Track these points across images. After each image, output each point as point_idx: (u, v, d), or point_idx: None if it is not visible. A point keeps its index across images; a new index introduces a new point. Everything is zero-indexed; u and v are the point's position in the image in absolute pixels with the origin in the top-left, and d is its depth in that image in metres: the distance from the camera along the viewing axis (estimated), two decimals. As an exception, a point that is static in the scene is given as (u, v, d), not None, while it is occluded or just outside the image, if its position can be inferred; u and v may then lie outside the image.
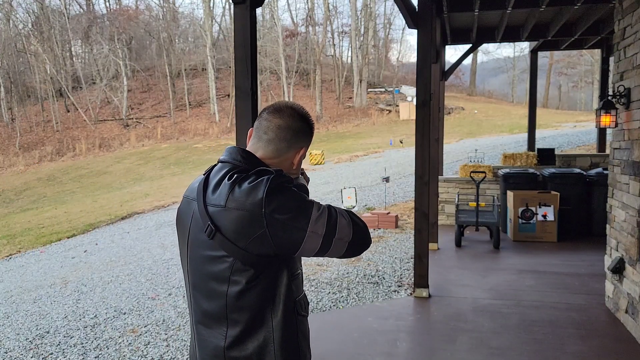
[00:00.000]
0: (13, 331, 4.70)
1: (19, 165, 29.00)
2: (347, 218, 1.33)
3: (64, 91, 37.56)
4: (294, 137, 1.41)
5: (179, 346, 4.03)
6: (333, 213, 1.32)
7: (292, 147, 1.42)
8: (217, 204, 1.29)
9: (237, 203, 1.26)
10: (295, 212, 1.26)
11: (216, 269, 1.29)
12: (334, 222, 1.30)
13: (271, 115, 1.42)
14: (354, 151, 21.77)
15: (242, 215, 1.25)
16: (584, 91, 44.37)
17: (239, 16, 3.12)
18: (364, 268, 5.89)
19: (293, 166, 1.45)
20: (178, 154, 27.46)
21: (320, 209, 1.30)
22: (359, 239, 1.35)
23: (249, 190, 1.26)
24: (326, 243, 1.29)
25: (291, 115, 1.42)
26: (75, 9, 44.44)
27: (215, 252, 1.29)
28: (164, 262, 6.98)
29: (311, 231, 1.26)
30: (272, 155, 1.41)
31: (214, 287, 1.31)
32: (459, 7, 6.49)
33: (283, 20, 45.38)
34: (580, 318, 4.21)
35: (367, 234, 1.38)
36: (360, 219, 1.38)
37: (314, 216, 1.27)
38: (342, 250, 1.33)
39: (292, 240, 1.26)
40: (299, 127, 1.42)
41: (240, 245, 1.25)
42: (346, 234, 1.32)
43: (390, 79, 41.98)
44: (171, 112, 36.24)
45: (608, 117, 4.20)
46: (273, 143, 1.41)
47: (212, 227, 1.27)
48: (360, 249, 1.38)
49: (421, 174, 4.78)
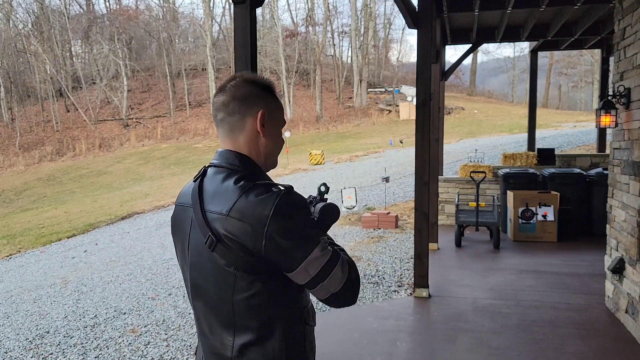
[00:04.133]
0: (13, 331, 4.71)
1: (19, 165, 29.01)
2: (344, 271, 1.25)
3: (64, 91, 37.57)
4: (242, 105, 1.31)
5: (179, 346, 4.03)
6: (333, 260, 1.24)
7: (247, 115, 1.31)
8: (218, 211, 1.23)
9: (240, 214, 1.19)
10: (297, 242, 1.20)
11: (220, 277, 1.24)
12: (330, 270, 1.23)
13: (216, 96, 1.34)
14: (354, 151, 21.77)
15: (244, 227, 1.18)
16: (584, 91, 44.39)
17: (239, 16, 3.12)
18: (364, 268, 5.89)
19: (261, 135, 1.33)
20: (178, 154, 27.47)
21: (323, 251, 1.22)
22: (345, 295, 1.27)
23: (256, 203, 1.18)
24: (312, 284, 1.23)
25: (234, 86, 1.33)
26: (75, 9, 44.51)
27: (218, 261, 1.23)
28: (164, 262, 6.98)
29: (303, 268, 1.20)
30: (231, 136, 1.33)
31: (219, 295, 1.26)
32: (459, 7, 6.49)
33: (283, 20, 45.46)
34: (580, 318, 4.21)
35: (356, 293, 1.30)
36: (357, 276, 1.30)
37: (313, 255, 1.20)
38: (323, 296, 1.26)
39: (282, 265, 1.21)
40: (245, 92, 1.32)
41: (241, 255, 1.20)
42: (335, 285, 1.24)
43: (390, 79, 41.99)
44: (171, 112, 36.25)
45: (608, 117, 4.20)
46: (226, 121, 1.32)
47: (213, 238, 1.21)
48: (342, 304, 1.29)
49: (421, 174, 4.78)
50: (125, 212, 13.17)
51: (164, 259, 7.19)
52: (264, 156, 1.36)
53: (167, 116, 36.37)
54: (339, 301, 1.28)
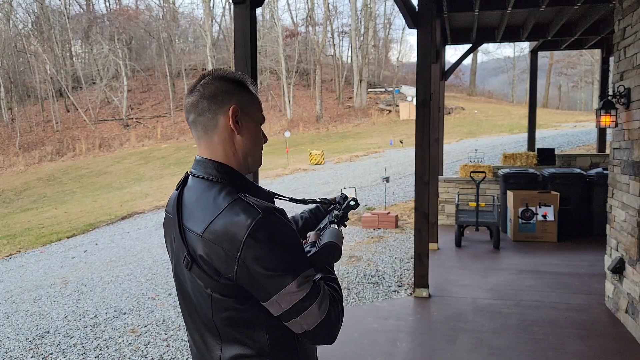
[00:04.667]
0: (13, 331, 4.71)
1: (19, 165, 29.01)
2: (321, 310, 1.15)
3: (64, 91, 37.58)
4: (212, 103, 1.23)
5: (179, 346, 4.03)
6: (311, 297, 1.13)
7: (218, 113, 1.23)
8: (193, 230, 1.16)
9: (215, 235, 1.11)
10: (271, 273, 1.10)
11: (199, 296, 1.19)
12: (304, 307, 1.13)
13: (186, 98, 1.27)
14: (354, 151, 21.77)
15: (217, 250, 1.11)
16: (584, 91, 44.40)
17: (239, 16, 3.12)
18: (364, 268, 5.89)
19: (236, 133, 1.24)
20: (178, 154, 27.47)
21: (300, 287, 1.12)
22: (319, 334, 1.17)
23: (230, 225, 1.10)
24: (284, 317, 1.15)
25: (203, 85, 1.25)
26: (75, 9, 44.51)
27: (195, 281, 1.18)
28: (164, 262, 6.98)
29: (275, 300, 1.12)
30: (205, 138, 1.25)
31: (202, 312, 1.21)
32: (459, 7, 6.49)
33: (283, 20, 45.47)
34: (580, 318, 4.21)
35: (332, 333, 1.19)
36: (338, 315, 1.20)
37: (287, 289, 1.11)
38: (298, 331, 1.17)
39: (255, 293, 1.14)
40: (214, 90, 1.24)
41: (215, 278, 1.13)
42: (309, 323, 1.15)
43: (390, 79, 42.00)
44: (171, 112, 36.26)
45: (608, 117, 4.20)
46: (198, 122, 1.24)
47: (189, 259, 1.15)
48: (317, 342, 1.20)
49: (421, 174, 4.78)
50: (125, 212, 13.17)
51: (164, 259, 7.19)
52: (242, 156, 1.26)
53: (167, 116, 36.38)
54: (313, 339, 1.19)
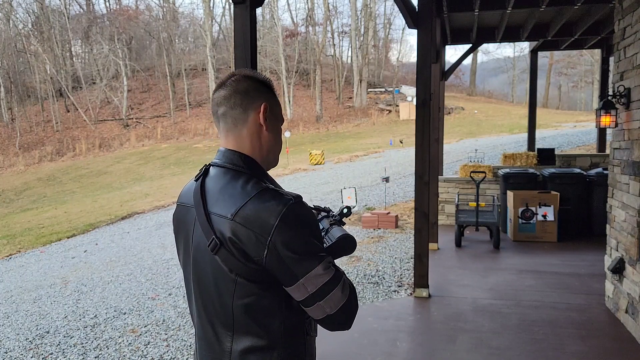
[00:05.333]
0: (13, 331, 4.71)
1: (19, 165, 29.01)
2: (344, 293, 1.22)
3: (64, 91, 37.59)
4: (245, 98, 1.30)
5: (179, 346, 4.03)
6: (335, 280, 1.20)
7: (249, 108, 1.30)
8: (222, 214, 1.20)
9: (245, 220, 1.16)
10: (299, 256, 1.16)
11: (221, 281, 1.22)
12: (329, 290, 1.19)
13: (216, 92, 1.34)
14: (354, 151, 21.78)
15: (248, 234, 1.15)
16: (584, 91, 44.41)
17: (239, 16, 3.12)
18: (364, 268, 5.89)
19: (264, 129, 1.31)
20: (178, 154, 27.47)
21: (326, 270, 1.18)
22: (340, 318, 1.23)
23: (262, 210, 1.15)
24: (308, 301, 1.19)
25: (235, 81, 1.32)
26: (75, 9, 44.55)
27: (220, 265, 1.21)
28: (164, 262, 6.98)
29: (302, 283, 1.17)
30: (234, 130, 1.31)
31: (220, 299, 1.23)
32: (459, 7, 6.49)
33: (283, 20, 45.51)
34: (580, 318, 4.21)
35: (351, 317, 1.26)
36: (356, 302, 1.27)
37: (314, 272, 1.17)
38: (318, 316, 1.22)
39: (281, 278, 1.18)
40: (246, 86, 1.31)
41: (243, 262, 1.17)
42: (332, 306, 1.20)
43: (390, 79, 42.00)
44: (171, 112, 36.26)
45: (608, 117, 4.20)
46: (228, 115, 1.31)
47: (217, 242, 1.18)
48: (335, 327, 1.25)
49: (421, 174, 4.78)
50: (125, 212, 13.17)
51: (164, 259, 7.19)
52: (266, 151, 1.33)
53: (167, 116, 36.38)
54: (333, 324, 1.24)
